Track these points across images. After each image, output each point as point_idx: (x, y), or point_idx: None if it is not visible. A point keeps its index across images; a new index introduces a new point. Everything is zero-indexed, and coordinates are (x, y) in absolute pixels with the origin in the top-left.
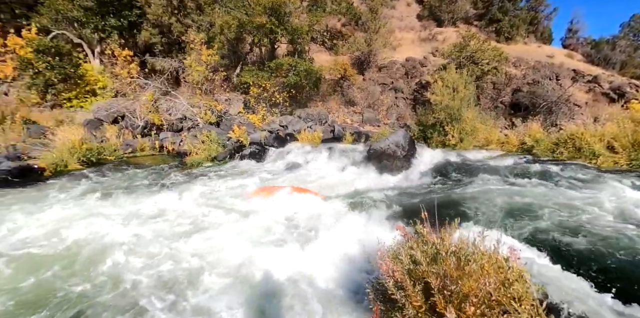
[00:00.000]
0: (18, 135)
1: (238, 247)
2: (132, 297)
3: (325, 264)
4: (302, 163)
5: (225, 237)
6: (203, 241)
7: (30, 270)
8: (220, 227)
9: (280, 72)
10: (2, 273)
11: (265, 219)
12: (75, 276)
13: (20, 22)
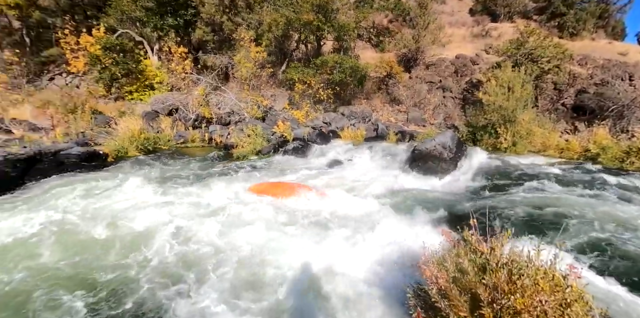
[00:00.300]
0: (87, 124)
1: (278, 241)
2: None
3: (365, 264)
4: (343, 161)
5: (266, 230)
6: (247, 233)
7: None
8: (261, 220)
9: (325, 69)
10: (61, 244)
11: (301, 216)
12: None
13: (91, 22)
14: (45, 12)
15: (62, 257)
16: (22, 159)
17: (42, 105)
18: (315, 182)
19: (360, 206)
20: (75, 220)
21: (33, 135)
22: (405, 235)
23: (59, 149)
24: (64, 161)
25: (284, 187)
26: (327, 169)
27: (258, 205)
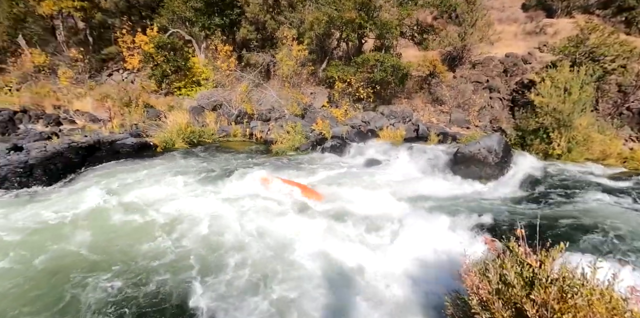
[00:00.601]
0: (140, 117)
1: (313, 237)
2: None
3: (400, 266)
4: (381, 161)
5: (303, 226)
6: (286, 228)
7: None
8: (295, 216)
9: (366, 68)
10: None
11: (340, 216)
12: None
13: (146, 22)
14: (106, 14)
15: (102, 236)
16: (84, 147)
17: (101, 98)
18: (352, 180)
19: (397, 207)
20: (123, 202)
21: (93, 126)
22: (443, 240)
23: (115, 139)
24: (119, 150)
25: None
26: (364, 168)
27: (285, 200)
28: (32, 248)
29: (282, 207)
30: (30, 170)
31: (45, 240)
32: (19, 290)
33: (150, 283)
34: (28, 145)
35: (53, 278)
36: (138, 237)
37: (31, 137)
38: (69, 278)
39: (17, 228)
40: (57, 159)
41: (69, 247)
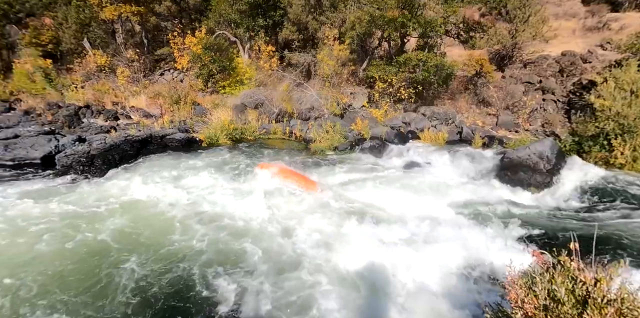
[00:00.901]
0: (187, 113)
1: (352, 238)
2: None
3: (438, 274)
4: (421, 164)
5: (342, 227)
6: (326, 227)
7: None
8: (329, 214)
9: (407, 67)
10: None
11: (377, 218)
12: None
13: (195, 25)
14: (159, 17)
15: (139, 223)
16: (138, 140)
17: (153, 96)
18: (390, 182)
19: (436, 212)
20: (167, 190)
21: (146, 121)
22: (485, 248)
23: (166, 133)
24: (168, 144)
25: (292, 174)
26: (404, 171)
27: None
28: (78, 230)
29: (319, 204)
30: (92, 159)
31: (93, 222)
32: (59, 266)
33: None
34: (90, 137)
35: (93, 258)
36: (174, 224)
37: (93, 130)
38: (110, 259)
39: (68, 211)
40: (114, 150)
41: (113, 230)
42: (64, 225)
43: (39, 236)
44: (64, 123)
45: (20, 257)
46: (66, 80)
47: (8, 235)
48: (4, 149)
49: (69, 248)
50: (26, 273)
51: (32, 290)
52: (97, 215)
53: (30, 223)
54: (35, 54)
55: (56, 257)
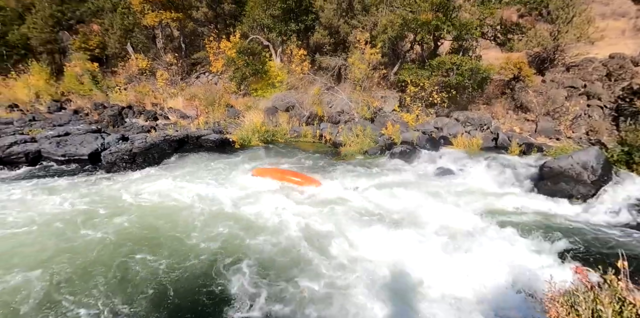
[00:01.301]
0: (221, 115)
1: (385, 242)
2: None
3: (472, 287)
4: (454, 171)
5: (365, 232)
6: (355, 232)
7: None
8: (362, 223)
9: (441, 71)
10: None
11: (408, 226)
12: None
13: (229, 29)
14: (196, 23)
15: (172, 216)
16: (175, 140)
17: (190, 98)
18: (421, 189)
19: (469, 221)
20: (198, 189)
21: (183, 122)
22: (522, 262)
23: (201, 134)
24: (203, 144)
25: (290, 175)
26: (435, 177)
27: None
28: (116, 220)
29: (354, 209)
30: (134, 157)
31: (131, 214)
32: (85, 254)
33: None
34: (132, 136)
35: (117, 247)
36: (199, 218)
37: (135, 130)
38: (135, 248)
39: (109, 204)
40: (154, 149)
41: (148, 221)
42: (104, 215)
43: (78, 224)
44: (108, 122)
45: (60, 243)
46: (111, 82)
47: (54, 223)
48: (57, 145)
49: (107, 235)
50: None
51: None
52: (137, 208)
53: (72, 214)
54: (83, 57)
55: (92, 243)
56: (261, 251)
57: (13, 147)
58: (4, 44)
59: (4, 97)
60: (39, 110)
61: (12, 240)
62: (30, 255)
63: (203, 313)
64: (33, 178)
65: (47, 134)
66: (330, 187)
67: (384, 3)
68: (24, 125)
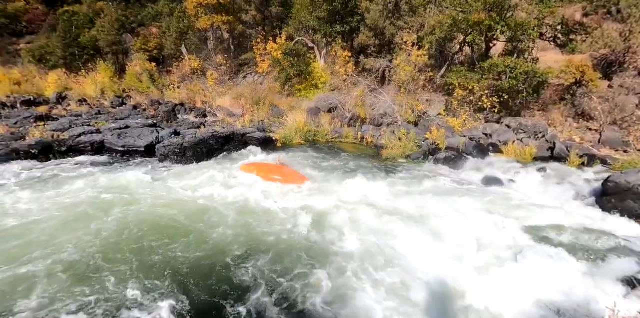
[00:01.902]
0: (266, 114)
1: (426, 251)
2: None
3: (517, 308)
4: (503, 181)
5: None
6: (381, 237)
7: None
8: (403, 231)
9: (492, 74)
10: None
11: (448, 237)
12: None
13: (276, 32)
14: (245, 26)
15: (217, 208)
16: (222, 136)
17: (237, 97)
18: (465, 198)
19: (517, 236)
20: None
21: (230, 120)
22: (575, 286)
23: (246, 132)
24: (248, 142)
25: (275, 169)
26: (482, 186)
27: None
28: (162, 208)
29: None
30: (184, 151)
31: (177, 202)
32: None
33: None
34: (184, 131)
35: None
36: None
37: (186, 126)
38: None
39: (158, 194)
40: (203, 144)
41: (194, 209)
42: (153, 204)
43: (126, 207)
44: (163, 118)
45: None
46: (166, 81)
47: (106, 207)
48: (118, 137)
49: (153, 219)
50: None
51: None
52: (181, 197)
53: (124, 199)
54: (143, 58)
55: (142, 225)
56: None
57: (81, 137)
58: (77, 45)
59: (75, 93)
60: (104, 105)
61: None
62: (82, 226)
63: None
64: (98, 165)
65: (110, 127)
66: (375, 191)
67: (433, 3)
68: (91, 118)
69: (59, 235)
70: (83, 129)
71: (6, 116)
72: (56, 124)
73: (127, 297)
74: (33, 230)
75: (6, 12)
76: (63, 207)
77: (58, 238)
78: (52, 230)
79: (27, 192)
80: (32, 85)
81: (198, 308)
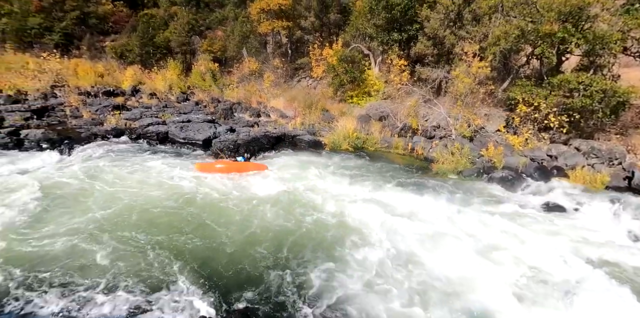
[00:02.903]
0: (316, 118)
1: (476, 276)
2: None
3: None
4: (567, 208)
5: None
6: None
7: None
8: (455, 252)
9: (563, 91)
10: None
11: (504, 263)
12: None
13: (332, 38)
14: (303, 31)
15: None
16: (273, 136)
17: (290, 99)
18: (521, 224)
19: (582, 269)
20: (286, 180)
21: (282, 121)
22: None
23: (296, 134)
24: (297, 143)
25: (234, 164)
26: (541, 213)
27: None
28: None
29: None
30: (237, 147)
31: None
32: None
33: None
34: (238, 129)
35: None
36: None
37: (241, 124)
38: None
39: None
40: (255, 142)
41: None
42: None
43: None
44: (221, 115)
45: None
46: (226, 80)
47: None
48: (180, 129)
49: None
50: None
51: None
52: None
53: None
54: (208, 58)
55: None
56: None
57: (149, 127)
58: (152, 44)
59: (147, 87)
60: (170, 99)
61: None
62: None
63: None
64: (159, 152)
65: (174, 119)
66: (425, 207)
67: (499, 12)
68: (159, 110)
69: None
70: (151, 119)
71: (90, 103)
72: (129, 113)
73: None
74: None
75: (97, 14)
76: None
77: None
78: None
79: (106, 165)
80: (112, 78)
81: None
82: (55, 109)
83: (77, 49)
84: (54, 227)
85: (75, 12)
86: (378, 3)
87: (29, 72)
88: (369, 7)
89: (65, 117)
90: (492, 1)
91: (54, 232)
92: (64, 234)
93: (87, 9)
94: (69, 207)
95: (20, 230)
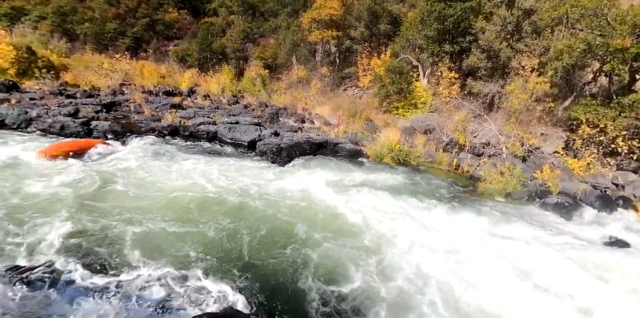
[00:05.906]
0: (360, 127)
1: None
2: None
3: None
4: (632, 244)
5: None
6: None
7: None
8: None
9: (636, 112)
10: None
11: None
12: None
13: (381, 48)
14: (352, 41)
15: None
16: (315, 143)
17: (335, 107)
18: (579, 259)
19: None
20: (325, 187)
21: (325, 128)
22: None
23: (339, 142)
24: (338, 151)
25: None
26: (602, 247)
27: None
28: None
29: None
30: (280, 151)
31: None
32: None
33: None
34: (283, 133)
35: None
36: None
37: (285, 128)
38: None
39: (250, 184)
40: (297, 147)
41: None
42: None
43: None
44: (267, 118)
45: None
46: (274, 86)
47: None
48: (228, 130)
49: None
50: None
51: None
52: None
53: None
54: (259, 64)
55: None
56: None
57: (200, 126)
58: (209, 50)
59: (202, 89)
60: (222, 102)
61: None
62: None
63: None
64: (208, 152)
65: (224, 120)
66: (468, 229)
67: (563, 24)
68: (211, 111)
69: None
70: (203, 119)
71: (151, 101)
72: (184, 112)
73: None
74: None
75: (164, 21)
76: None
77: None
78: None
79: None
80: (172, 79)
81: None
82: (121, 104)
83: (144, 52)
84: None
85: (145, 19)
86: (430, 14)
87: (102, 71)
88: (421, 17)
89: (129, 112)
90: (556, 13)
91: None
92: (121, 218)
93: (155, 16)
94: (126, 195)
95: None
